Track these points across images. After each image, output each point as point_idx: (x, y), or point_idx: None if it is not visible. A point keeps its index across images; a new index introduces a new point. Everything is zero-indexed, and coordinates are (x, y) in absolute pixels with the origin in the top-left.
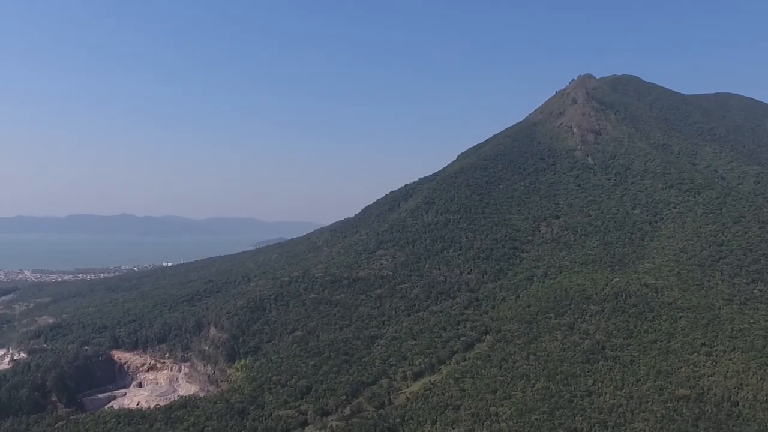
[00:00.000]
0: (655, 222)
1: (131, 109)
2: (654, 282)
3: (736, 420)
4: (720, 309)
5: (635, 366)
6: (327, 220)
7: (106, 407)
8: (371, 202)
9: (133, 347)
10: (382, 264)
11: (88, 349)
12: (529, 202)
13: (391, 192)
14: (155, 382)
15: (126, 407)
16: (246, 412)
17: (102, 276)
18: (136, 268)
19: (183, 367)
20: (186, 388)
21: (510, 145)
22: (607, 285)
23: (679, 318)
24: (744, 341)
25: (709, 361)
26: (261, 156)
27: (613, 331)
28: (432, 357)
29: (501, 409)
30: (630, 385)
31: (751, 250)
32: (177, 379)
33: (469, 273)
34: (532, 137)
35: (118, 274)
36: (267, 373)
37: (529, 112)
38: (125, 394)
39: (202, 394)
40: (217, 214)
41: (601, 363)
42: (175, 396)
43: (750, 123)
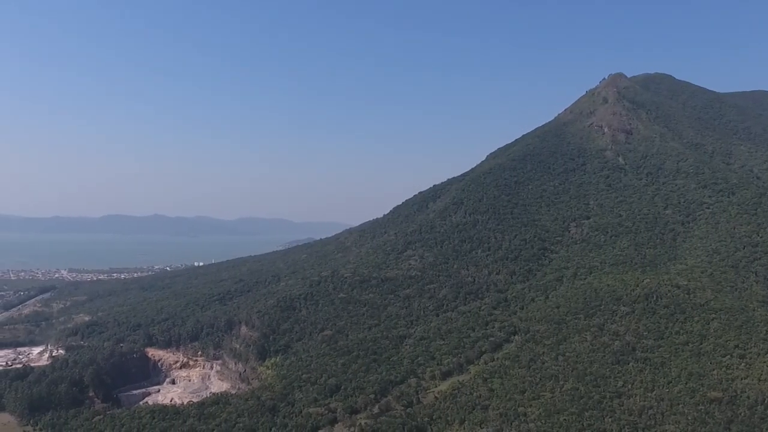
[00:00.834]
0: (688, 222)
1: (162, 111)
2: (686, 283)
3: None
4: (754, 311)
5: (666, 368)
6: (355, 221)
7: (141, 403)
8: (400, 203)
9: (166, 345)
10: (410, 264)
11: (123, 347)
12: (558, 203)
13: (420, 192)
14: (188, 380)
15: (160, 403)
16: (276, 409)
17: (136, 275)
18: (168, 268)
19: (215, 364)
20: (218, 386)
21: (539, 145)
22: (637, 286)
23: (712, 320)
24: None
25: (743, 364)
26: (290, 157)
27: (644, 333)
28: (460, 357)
29: (529, 409)
30: (661, 386)
31: None
32: (209, 376)
33: (497, 273)
34: (561, 137)
35: (151, 273)
36: (297, 372)
37: (559, 112)
38: (159, 391)
39: (233, 392)
40: (247, 215)
41: (631, 364)
42: (207, 393)
43: None
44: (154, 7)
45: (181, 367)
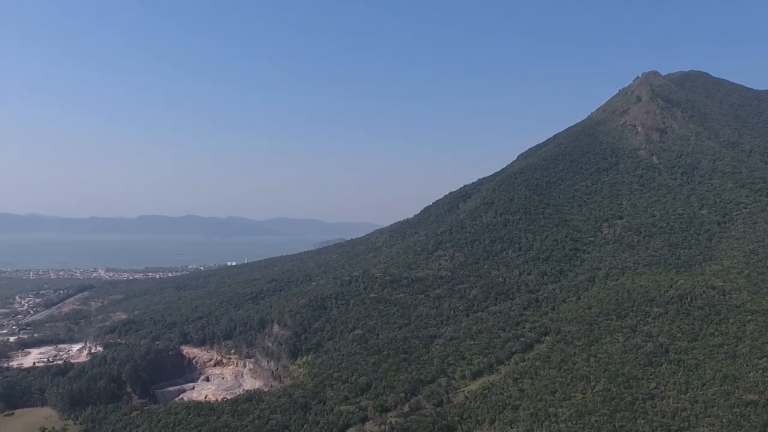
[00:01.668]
0: (724, 223)
1: (199, 113)
2: (721, 284)
3: None
4: None
5: (700, 370)
6: (385, 221)
7: (176, 399)
8: (430, 203)
9: (200, 343)
10: (440, 264)
11: (159, 344)
12: (590, 203)
13: (450, 193)
14: (222, 377)
15: (195, 399)
16: (308, 406)
17: (170, 275)
18: (202, 267)
19: (248, 362)
20: (250, 383)
21: (571, 145)
22: (671, 287)
23: (748, 321)
24: None
25: None
26: (320, 157)
27: (677, 334)
28: (491, 357)
29: (560, 410)
30: (695, 389)
31: None
32: (242, 374)
33: (528, 274)
34: (594, 136)
35: (185, 273)
36: (328, 370)
37: (592, 111)
38: (194, 388)
39: (266, 389)
40: (279, 215)
41: (664, 366)
42: (241, 390)
43: None
44: (197, 12)
45: (215, 365)
